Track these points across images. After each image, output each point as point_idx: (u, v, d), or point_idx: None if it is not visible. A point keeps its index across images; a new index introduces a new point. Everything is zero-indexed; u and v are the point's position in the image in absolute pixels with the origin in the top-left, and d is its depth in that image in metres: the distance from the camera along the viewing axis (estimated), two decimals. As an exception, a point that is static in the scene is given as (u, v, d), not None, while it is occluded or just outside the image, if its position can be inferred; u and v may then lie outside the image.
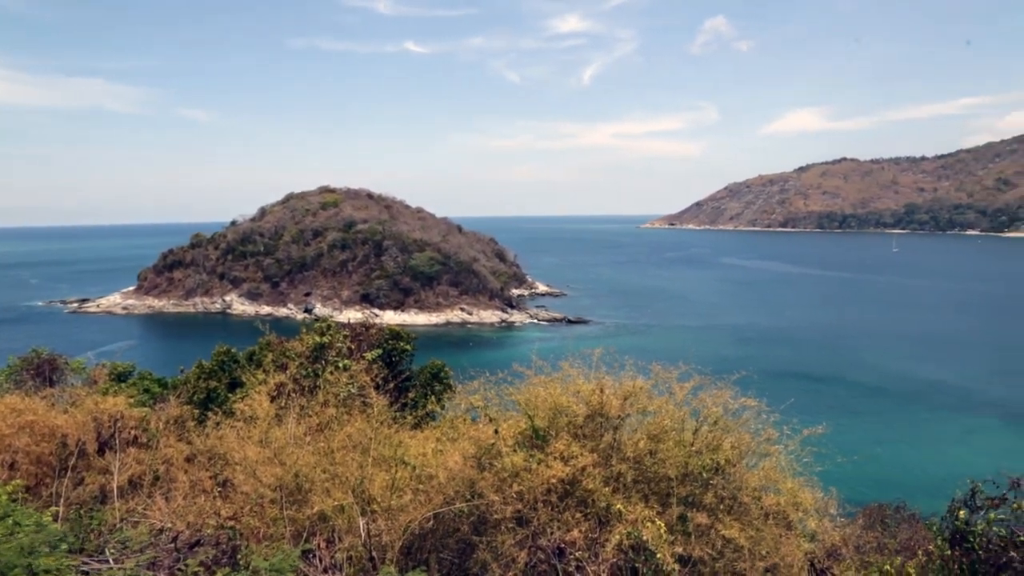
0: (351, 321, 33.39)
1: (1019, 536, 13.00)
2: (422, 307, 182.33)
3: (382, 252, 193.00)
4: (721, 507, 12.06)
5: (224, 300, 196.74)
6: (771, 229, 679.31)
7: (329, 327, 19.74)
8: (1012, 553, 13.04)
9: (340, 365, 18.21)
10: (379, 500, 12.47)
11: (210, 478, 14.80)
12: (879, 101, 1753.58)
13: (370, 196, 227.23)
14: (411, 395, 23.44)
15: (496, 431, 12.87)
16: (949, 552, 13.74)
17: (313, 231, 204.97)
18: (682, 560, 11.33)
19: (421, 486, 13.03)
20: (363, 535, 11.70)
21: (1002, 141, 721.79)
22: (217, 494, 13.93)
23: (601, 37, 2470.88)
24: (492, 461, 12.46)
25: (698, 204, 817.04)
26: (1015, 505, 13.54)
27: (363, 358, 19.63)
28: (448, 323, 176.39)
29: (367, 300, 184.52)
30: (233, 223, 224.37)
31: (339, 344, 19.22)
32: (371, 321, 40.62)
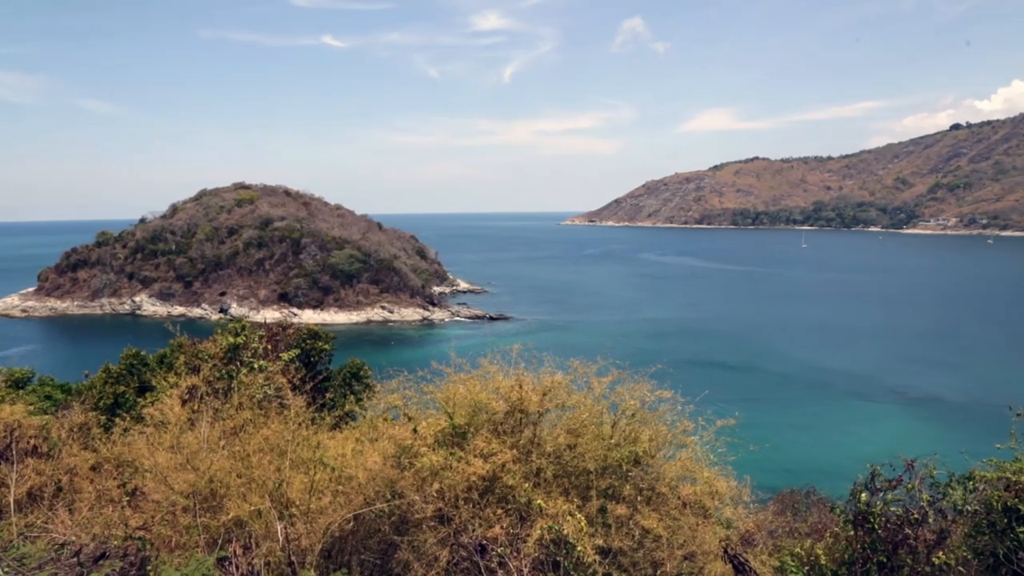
0: (268, 321, 32.62)
1: (913, 514, 13.79)
2: (342, 306, 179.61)
3: (300, 250, 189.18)
4: (640, 498, 12.30)
5: (134, 301, 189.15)
6: (688, 226, 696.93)
7: (244, 327, 19.21)
8: (907, 530, 13.84)
9: (256, 366, 17.74)
10: (298, 503, 12.21)
11: (118, 487, 14.18)
12: (785, 103, 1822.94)
13: (287, 193, 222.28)
14: (330, 395, 23.08)
15: (415, 430, 12.79)
16: (852, 533, 14.45)
17: (228, 229, 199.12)
18: (603, 552, 11.50)
19: (341, 487, 12.83)
20: (281, 540, 11.44)
21: (900, 143, 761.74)
22: (125, 503, 13.36)
23: (521, 35, 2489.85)
24: (412, 460, 12.37)
25: (617, 201, 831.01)
26: (910, 486, 14.35)
27: (280, 358, 19.19)
28: (369, 321, 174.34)
29: (285, 299, 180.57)
30: (142, 220, 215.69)
31: (255, 345, 18.72)
32: (289, 321, 39.77)
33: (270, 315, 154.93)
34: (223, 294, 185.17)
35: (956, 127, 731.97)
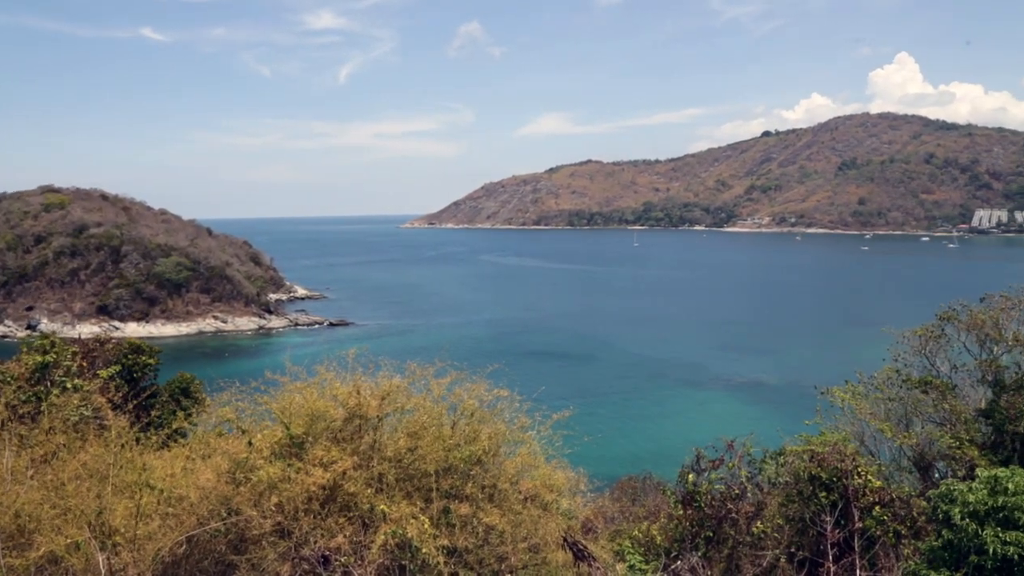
0: (83, 336, 30.18)
1: (734, 490, 14.99)
2: (170, 317, 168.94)
3: (121, 259, 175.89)
4: (482, 496, 12.48)
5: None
6: (526, 227, 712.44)
7: (53, 344, 17.65)
8: (730, 505, 15.02)
9: (69, 386, 16.38)
10: (122, 530, 11.40)
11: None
12: (617, 109, 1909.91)
13: (104, 197, 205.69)
14: (156, 412, 21.72)
15: (250, 443, 12.32)
16: (682, 512, 15.49)
17: (35, 237, 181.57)
18: (448, 552, 11.60)
19: (171, 509, 12.11)
20: (104, 572, 10.66)
21: (720, 147, 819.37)
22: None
23: (357, 35, 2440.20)
24: (248, 475, 11.90)
25: (456, 204, 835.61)
26: (731, 464, 15.57)
27: (98, 376, 17.82)
28: (201, 332, 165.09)
29: (105, 312, 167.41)
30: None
31: (67, 362, 17.26)
32: (109, 335, 36.99)
33: (87, 330, 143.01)
34: (30, 308, 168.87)
35: (767, 134, 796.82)
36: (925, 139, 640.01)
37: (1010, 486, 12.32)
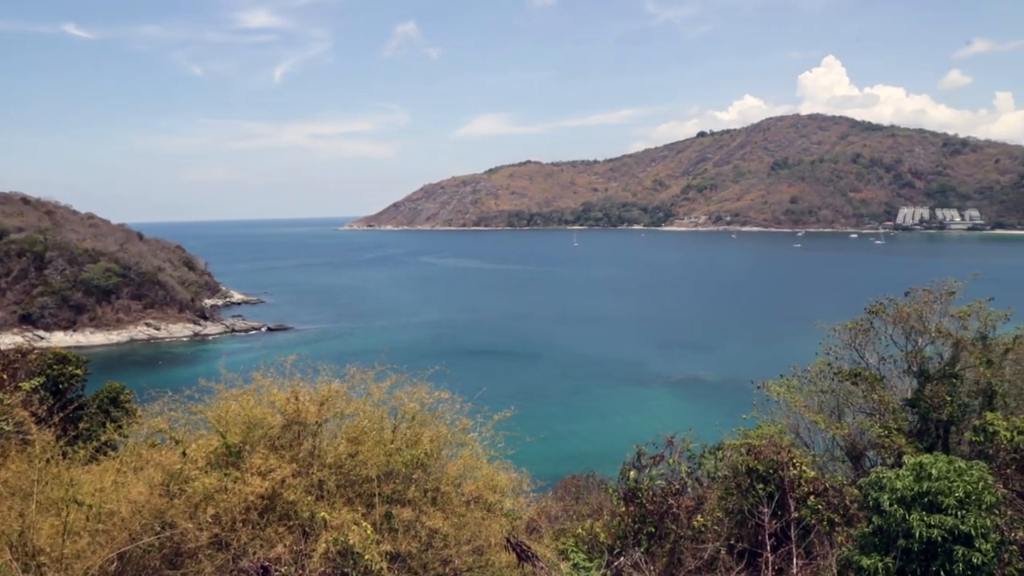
0: (4, 347, 28.92)
1: (675, 486, 15.23)
2: (99, 325, 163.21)
3: (45, 265, 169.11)
4: (424, 500, 12.40)
5: None
6: (466, 228, 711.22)
7: (-28, 356, 16.87)
8: (671, 500, 15.24)
9: (-11, 399, 15.65)
10: (48, 550, 10.94)
11: None
12: (556, 109, 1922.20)
13: (25, 201, 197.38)
14: (84, 425, 20.92)
15: (184, 453, 11.98)
16: (624, 508, 15.66)
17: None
18: (391, 557, 11.48)
19: (101, 526, 11.68)
20: (28, 593, 10.21)
21: (656, 148, 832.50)
22: None
23: (293, 34, 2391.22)
24: (182, 486, 11.57)
25: (395, 205, 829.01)
26: (671, 460, 15.81)
27: (19, 388, 17.09)
28: (132, 340, 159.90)
29: (28, 321, 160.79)
30: None
31: (-13, 375, 16.52)
32: (32, 345, 35.54)
33: (9, 340, 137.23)
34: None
35: (702, 134, 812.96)
36: (852, 139, 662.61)
37: (934, 472, 12.81)
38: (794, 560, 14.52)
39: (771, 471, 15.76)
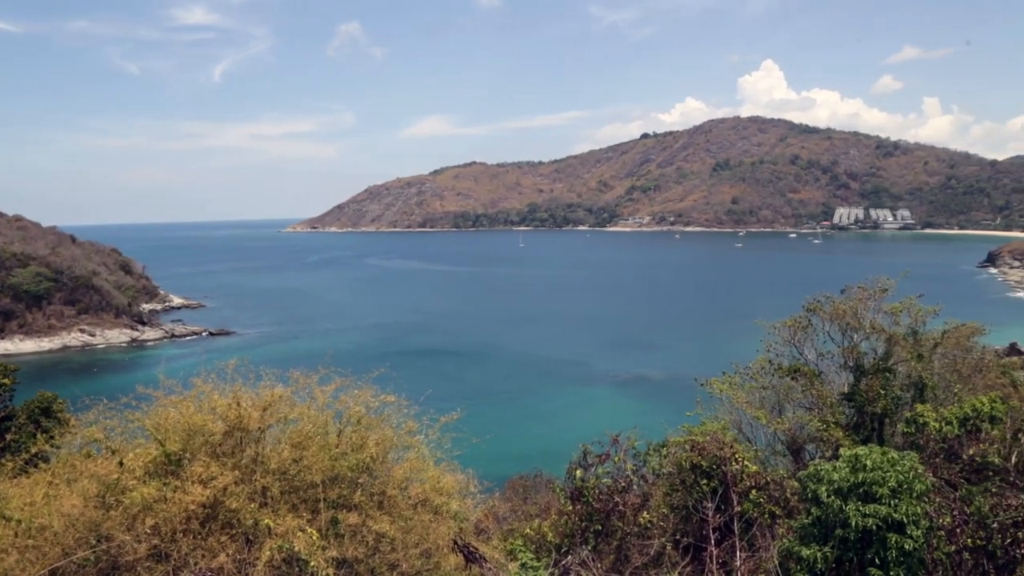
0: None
1: (621, 483, 15.39)
2: (29, 332, 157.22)
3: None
4: (371, 504, 12.29)
5: None
6: (411, 229, 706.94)
7: None
8: (617, 498, 15.39)
9: (-89, 411, 14.99)
10: (-26, 567, 10.52)
11: None
12: (500, 111, 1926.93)
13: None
14: (12, 436, 20.13)
15: (121, 463, 11.62)
16: (571, 507, 15.77)
17: None
18: (338, 563, 11.35)
19: (31, 541, 11.26)
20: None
21: (601, 149, 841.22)
22: None
23: (232, 32, 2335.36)
24: (119, 497, 11.22)
25: (340, 207, 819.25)
26: (617, 458, 15.97)
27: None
28: (66, 347, 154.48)
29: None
30: None
31: (-91, 386, 15.78)
32: (-42, 354, 34.09)
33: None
34: None
35: (645, 136, 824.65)
36: (791, 142, 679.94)
37: (868, 463, 13.23)
38: (737, 553, 14.81)
39: (714, 467, 16.06)
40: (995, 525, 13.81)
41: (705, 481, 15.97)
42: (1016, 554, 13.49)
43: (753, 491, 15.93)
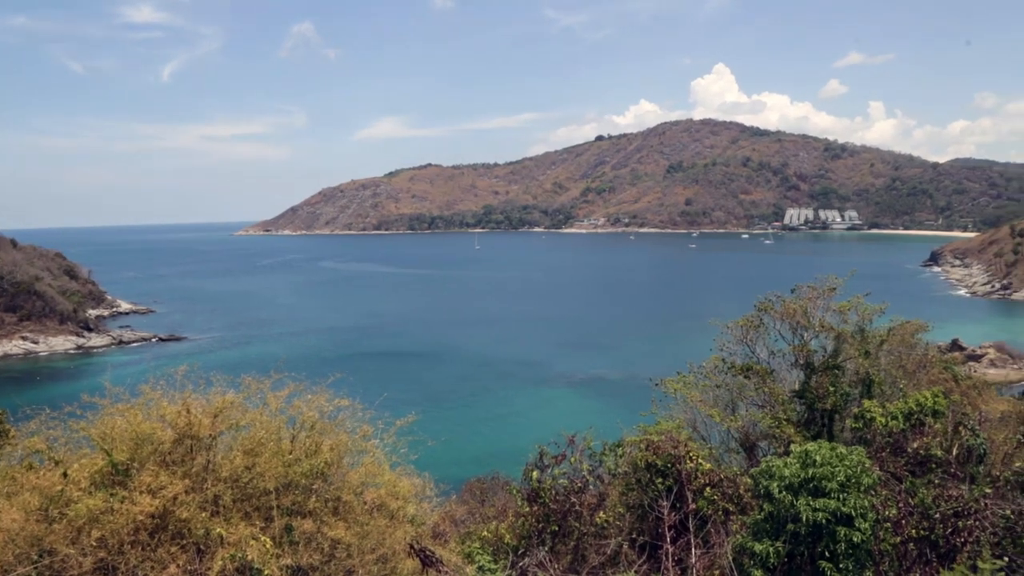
0: None
1: (577, 484, 15.46)
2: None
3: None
4: (326, 510, 12.15)
5: None
6: (366, 232, 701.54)
7: None
8: (573, 499, 15.47)
9: None
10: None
11: None
12: (456, 112, 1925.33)
13: None
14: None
15: (65, 474, 11.28)
16: (528, 508, 15.79)
17: None
18: (292, 571, 11.20)
19: (-32, 559, 10.87)
20: None
21: (556, 151, 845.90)
22: None
23: (182, 32, 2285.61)
24: (63, 510, 10.89)
25: (293, 209, 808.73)
26: (573, 459, 16.04)
27: None
28: (7, 356, 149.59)
29: None
30: None
31: None
32: None
33: None
34: None
35: (600, 138, 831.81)
36: (742, 144, 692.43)
37: (818, 458, 13.53)
38: (693, 550, 14.99)
39: (669, 465, 16.23)
40: (937, 515, 14.24)
41: (660, 480, 16.13)
42: (956, 542, 13.94)
43: (707, 488, 16.14)
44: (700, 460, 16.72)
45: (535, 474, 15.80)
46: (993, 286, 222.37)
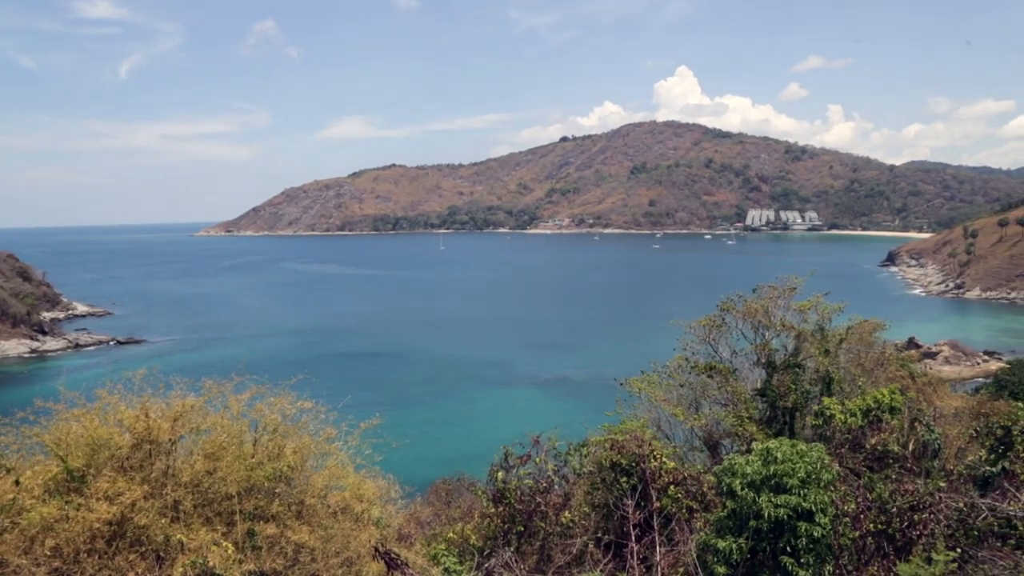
0: None
1: (542, 484, 15.50)
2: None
3: None
4: (289, 514, 12.00)
5: None
6: (330, 233, 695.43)
7: None
8: (539, 499, 15.50)
9: None
10: None
11: None
12: (420, 113, 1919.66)
13: None
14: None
15: (17, 482, 10.98)
16: (494, 509, 15.79)
17: None
18: (255, 576, 11.04)
19: (-88, 574, 10.53)
20: None
21: (520, 152, 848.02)
22: None
23: (139, 28, 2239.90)
24: (15, 519, 10.60)
25: (256, 210, 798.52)
26: (538, 459, 16.07)
27: None
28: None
29: None
30: None
31: None
32: None
33: None
34: None
35: (565, 139, 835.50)
36: (705, 146, 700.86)
37: (779, 455, 13.74)
38: (657, 548, 15.11)
39: (634, 464, 16.33)
40: (894, 509, 14.54)
41: (625, 479, 16.23)
42: (912, 536, 14.25)
43: (671, 487, 16.28)
44: (664, 459, 16.85)
45: (500, 475, 15.80)
46: (947, 285, 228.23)
